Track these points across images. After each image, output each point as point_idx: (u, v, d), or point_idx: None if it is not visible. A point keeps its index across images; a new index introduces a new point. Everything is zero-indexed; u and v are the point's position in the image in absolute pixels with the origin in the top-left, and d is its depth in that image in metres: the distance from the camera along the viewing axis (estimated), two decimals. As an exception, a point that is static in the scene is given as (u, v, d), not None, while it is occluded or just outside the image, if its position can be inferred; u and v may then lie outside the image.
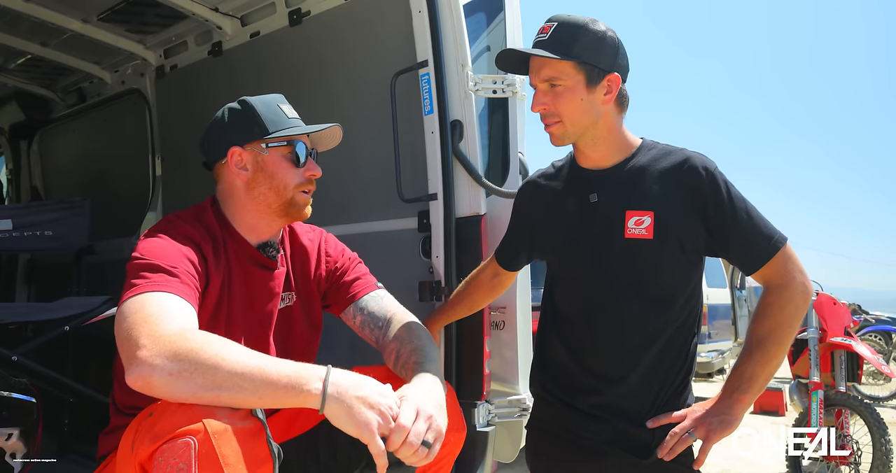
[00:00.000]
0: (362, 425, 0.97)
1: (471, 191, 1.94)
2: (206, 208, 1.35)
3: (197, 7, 2.61)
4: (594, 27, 1.30)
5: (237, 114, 1.33)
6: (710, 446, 1.28)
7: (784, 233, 1.33)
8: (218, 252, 1.28)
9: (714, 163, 1.33)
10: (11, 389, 1.36)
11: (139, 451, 0.92)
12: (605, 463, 1.33)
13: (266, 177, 1.31)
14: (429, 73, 1.96)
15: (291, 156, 1.33)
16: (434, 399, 1.09)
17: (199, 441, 0.88)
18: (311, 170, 1.36)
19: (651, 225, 1.31)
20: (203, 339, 0.97)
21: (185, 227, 1.24)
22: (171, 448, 0.88)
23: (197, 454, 0.87)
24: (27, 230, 2.60)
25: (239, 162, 1.31)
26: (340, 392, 0.97)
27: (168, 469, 0.87)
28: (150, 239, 1.19)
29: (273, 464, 0.95)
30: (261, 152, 1.31)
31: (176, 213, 1.33)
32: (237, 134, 1.31)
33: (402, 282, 1.98)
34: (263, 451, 0.94)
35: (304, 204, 1.35)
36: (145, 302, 1.04)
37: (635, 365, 1.34)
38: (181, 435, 0.89)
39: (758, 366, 1.29)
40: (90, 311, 2.24)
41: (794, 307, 1.30)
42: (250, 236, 1.35)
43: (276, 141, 1.31)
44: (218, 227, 1.32)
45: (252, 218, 1.34)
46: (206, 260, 1.23)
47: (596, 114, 1.32)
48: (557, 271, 1.48)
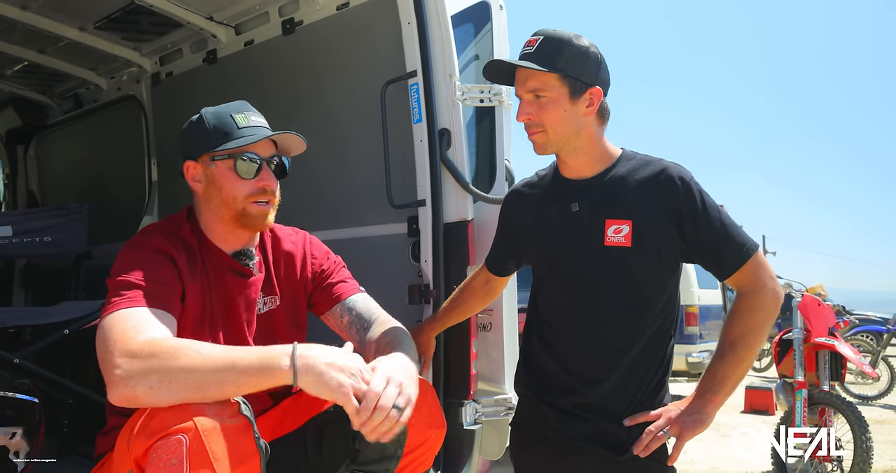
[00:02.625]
0: (335, 388, 1.03)
1: (458, 197, 2.00)
2: (182, 219, 1.38)
3: (192, 16, 2.67)
4: (578, 42, 1.36)
5: (192, 126, 1.36)
6: (683, 443, 1.34)
7: (755, 241, 1.39)
8: (194, 261, 1.32)
9: (690, 173, 1.39)
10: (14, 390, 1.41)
11: (135, 448, 0.98)
12: (584, 459, 1.39)
13: (216, 190, 1.33)
14: (417, 82, 2.02)
15: (236, 166, 1.32)
16: (405, 370, 1.16)
17: (190, 438, 0.95)
18: (265, 179, 1.34)
19: (629, 233, 1.36)
20: (170, 347, 1.03)
21: (156, 240, 1.28)
22: (164, 444, 0.95)
23: (188, 450, 0.94)
24: (27, 236, 2.64)
25: (194, 175, 1.35)
26: (308, 363, 1.04)
27: (161, 464, 0.94)
28: (123, 256, 1.24)
29: (260, 459, 1.02)
30: (208, 166, 1.33)
31: (152, 225, 1.37)
32: (190, 147, 1.35)
33: (393, 286, 2.04)
34: (251, 447, 1.01)
35: (258, 214, 1.34)
36: (117, 318, 1.10)
37: (614, 367, 1.39)
38: (173, 433, 0.95)
39: (729, 368, 1.35)
40: (89, 315, 2.29)
41: (765, 312, 1.36)
42: (223, 245, 1.38)
43: (219, 154, 1.31)
44: (194, 238, 1.35)
45: (219, 228, 1.37)
46: (178, 268, 1.27)
47: (578, 125, 1.38)
48: (541, 277, 1.54)
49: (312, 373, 1.03)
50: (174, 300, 1.22)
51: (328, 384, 1.03)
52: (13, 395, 1.41)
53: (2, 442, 1.40)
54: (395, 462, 1.28)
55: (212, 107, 1.37)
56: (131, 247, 1.26)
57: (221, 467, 0.95)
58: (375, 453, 1.28)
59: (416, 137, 2.04)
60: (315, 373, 1.03)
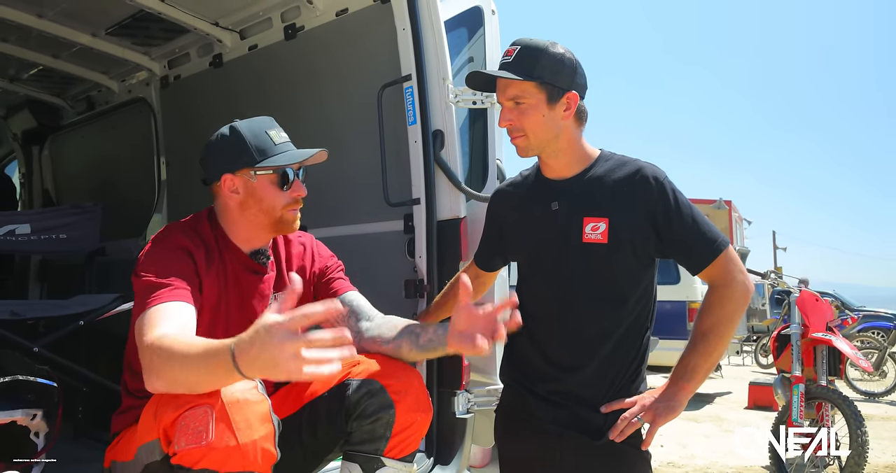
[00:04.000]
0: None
1: (451, 195, 2.08)
2: (203, 219, 1.49)
3: (198, 22, 2.76)
4: (553, 50, 1.43)
5: (228, 141, 1.45)
6: (656, 429, 1.42)
7: (726, 237, 1.46)
8: (211, 258, 1.43)
9: (664, 172, 1.47)
10: (36, 375, 1.53)
11: (163, 418, 1.11)
12: (562, 443, 1.47)
13: (255, 200, 1.44)
14: (412, 86, 2.10)
15: (278, 181, 1.44)
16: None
17: (216, 408, 1.08)
18: (297, 190, 1.47)
19: (606, 230, 1.44)
20: (163, 347, 1.11)
21: (175, 237, 1.39)
22: (192, 414, 1.08)
23: (214, 419, 1.07)
24: (43, 233, 2.75)
25: (231, 186, 1.45)
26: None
27: (189, 431, 1.07)
28: (147, 254, 1.35)
29: (274, 433, 1.14)
30: (250, 179, 1.43)
31: (174, 223, 1.48)
32: (228, 162, 1.44)
33: (390, 281, 2.13)
34: (267, 421, 1.13)
35: (292, 220, 1.48)
36: (144, 318, 1.21)
37: (592, 356, 1.47)
38: (200, 404, 1.08)
39: (700, 358, 1.43)
40: (102, 307, 2.41)
41: (735, 304, 1.43)
42: (244, 245, 1.50)
43: (263, 170, 1.43)
44: (213, 236, 1.47)
45: (245, 231, 1.49)
46: (195, 262, 1.38)
47: (557, 128, 1.46)
48: (524, 272, 1.61)
49: (257, 372, 0.99)
50: (193, 291, 1.32)
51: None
52: (34, 380, 1.52)
53: (23, 423, 1.52)
54: (385, 443, 1.38)
55: (243, 122, 1.46)
56: (154, 245, 1.38)
57: (243, 436, 1.08)
58: (366, 434, 1.38)
59: (410, 138, 2.12)
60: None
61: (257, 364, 0.96)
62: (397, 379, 1.40)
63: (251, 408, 1.11)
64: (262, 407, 1.13)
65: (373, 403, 1.37)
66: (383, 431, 1.38)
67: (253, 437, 1.09)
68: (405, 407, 1.39)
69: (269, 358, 0.94)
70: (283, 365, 0.93)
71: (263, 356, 0.94)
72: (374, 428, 1.38)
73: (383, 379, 1.39)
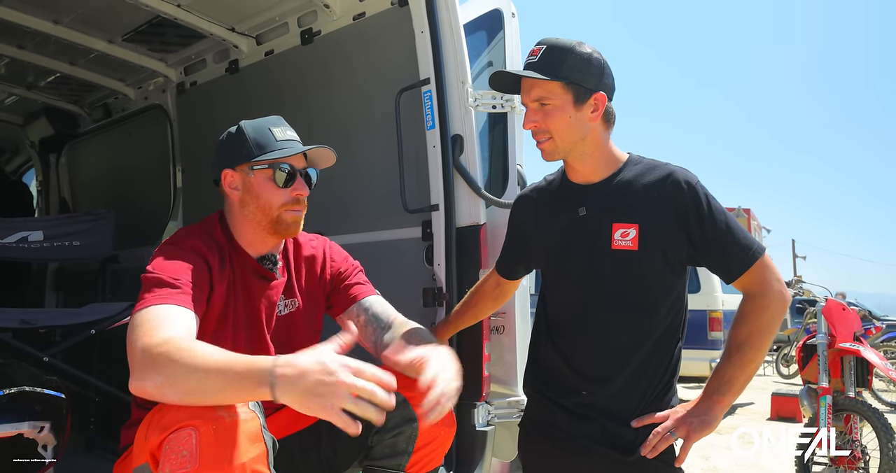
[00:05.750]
0: (319, 412, 0.97)
1: (470, 201, 2.04)
2: (215, 221, 1.46)
3: (215, 27, 2.75)
4: (580, 49, 1.38)
5: (231, 137, 1.43)
6: (691, 445, 1.35)
7: (762, 244, 1.40)
8: (224, 262, 1.39)
9: (696, 177, 1.41)
10: (43, 386, 1.49)
11: (150, 441, 1.04)
12: (592, 460, 1.41)
13: (252, 197, 1.40)
14: (431, 90, 2.06)
15: (276, 176, 1.40)
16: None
17: (200, 431, 0.99)
18: (298, 189, 1.42)
19: (636, 236, 1.38)
20: (177, 349, 1.04)
21: (192, 241, 1.35)
22: (176, 437, 1.00)
23: (198, 442, 0.99)
24: (56, 240, 2.75)
25: (231, 182, 1.42)
26: (287, 384, 0.97)
27: (173, 456, 0.99)
28: (160, 253, 1.31)
29: (267, 453, 1.06)
30: (247, 174, 1.40)
31: (188, 227, 1.45)
32: (228, 157, 1.42)
33: (408, 289, 2.08)
34: (258, 440, 1.04)
35: (291, 221, 1.42)
36: (146, 314, 1.15)
37: (621, 368, 1.41)
38: (185, 427, 1.00)
39: (736, 370, 1.36)
40: (114, 316, 2.39)
41: (772, 313, 1.36)
42: (250, 249, 1.45)
43: (259, 164, 1.39)
44: (224, 239, 1.43)
45: (248, 233, 1.44)
46: (210, 270, 1.33)
47: (584, 130, 1.40)
48: (550, 280, 1.56)
49: (293, 397, 0.97)
50: (201, 300, 1.27)
51: (313, 409, 0.96)
52: (41, 391, 1.48)
53: (30, 436, 1.48)
54: (407, 458, 1.33)
55: (250, 121, 1.44)
56: (169, 245, 1.33)
57: (231, 459, 0.99)
58: (387, 449, 1.32)
59: (429, 143, 2.08)
60: (296, 397, 0.97)
61: (298, 390, 0.96)
62: (421, 391, 1.34)
63: (240, 428, 1.03)
64: (252, 426, 1.04)
65: (395, 416, 1.30)
66: (405, 446, 1.32)
67: (242, 460, 1.00)
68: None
69: (316, 390, 0.95)
70: (328, 400, 0.94)
71: (316, 388, 0.95)
72: (395, 443, 1.33)
73: (406, 390, 1.33)
